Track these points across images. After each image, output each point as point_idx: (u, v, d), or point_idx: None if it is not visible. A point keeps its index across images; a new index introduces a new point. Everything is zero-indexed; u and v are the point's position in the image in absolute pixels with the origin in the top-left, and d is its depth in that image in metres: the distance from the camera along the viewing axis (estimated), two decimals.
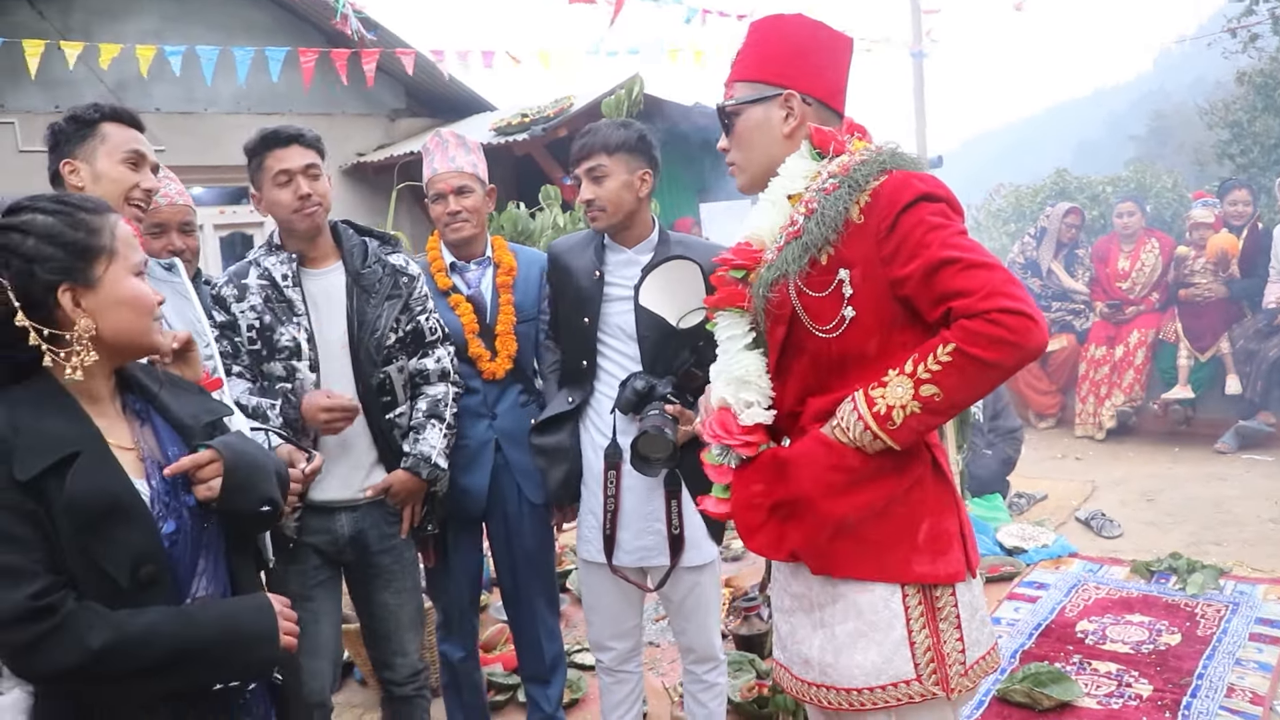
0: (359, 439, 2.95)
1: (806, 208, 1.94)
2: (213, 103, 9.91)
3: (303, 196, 2.86)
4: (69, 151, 2.46)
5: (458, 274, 3.30)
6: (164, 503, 1.71)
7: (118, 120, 2.49)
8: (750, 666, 3.94)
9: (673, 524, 2.92)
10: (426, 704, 3.20)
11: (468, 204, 3.23)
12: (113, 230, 1.71)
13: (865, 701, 1.94)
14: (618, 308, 2.96)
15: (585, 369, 3.02)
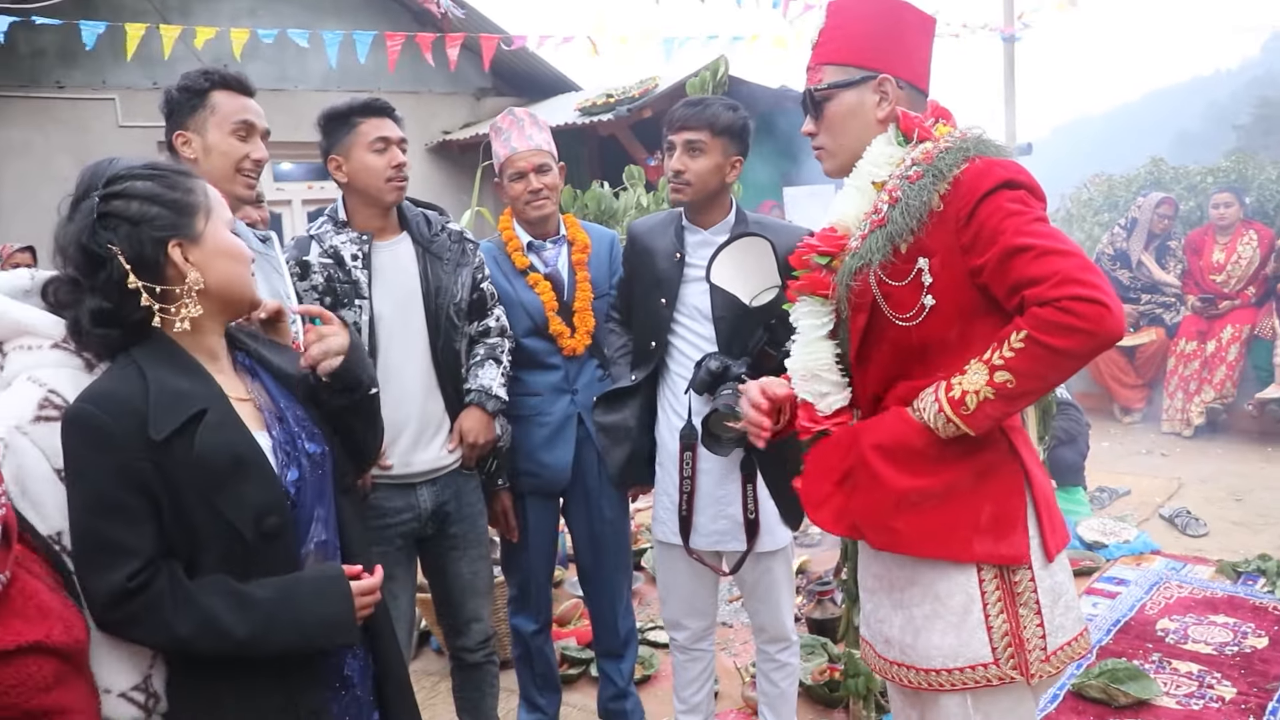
0: (435, 408, 2.99)
1: (890, 196, 1.91)
2: (302, 80, 10.10)
3: (398, 165, 2.89)
4: (181, 122, 2.49)
5: (534, 253, 3.32)
6: (285, 451, 1.77)
7: (228, 88, 2.51)
8: (823, 650, 3.93)
9: (748, 509, 2.92)
10: (496, 670, 3.26)
11: (548, 181, 3.24)
12: (205, 189, 1.78)
13: (943, 683, 1.95)
14: (696, 289, 2.96)
15: (654, 350, 3.03)
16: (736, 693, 3.85)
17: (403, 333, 2.94)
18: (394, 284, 2.94)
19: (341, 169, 2.91)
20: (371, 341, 2.89)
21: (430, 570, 3.15)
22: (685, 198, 2.93)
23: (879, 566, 2.07)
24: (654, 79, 9.90)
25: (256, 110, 2.55)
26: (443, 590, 3.14)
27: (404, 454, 2.91)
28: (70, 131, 9.07)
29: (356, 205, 2.96)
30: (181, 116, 2.49)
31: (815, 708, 3.71)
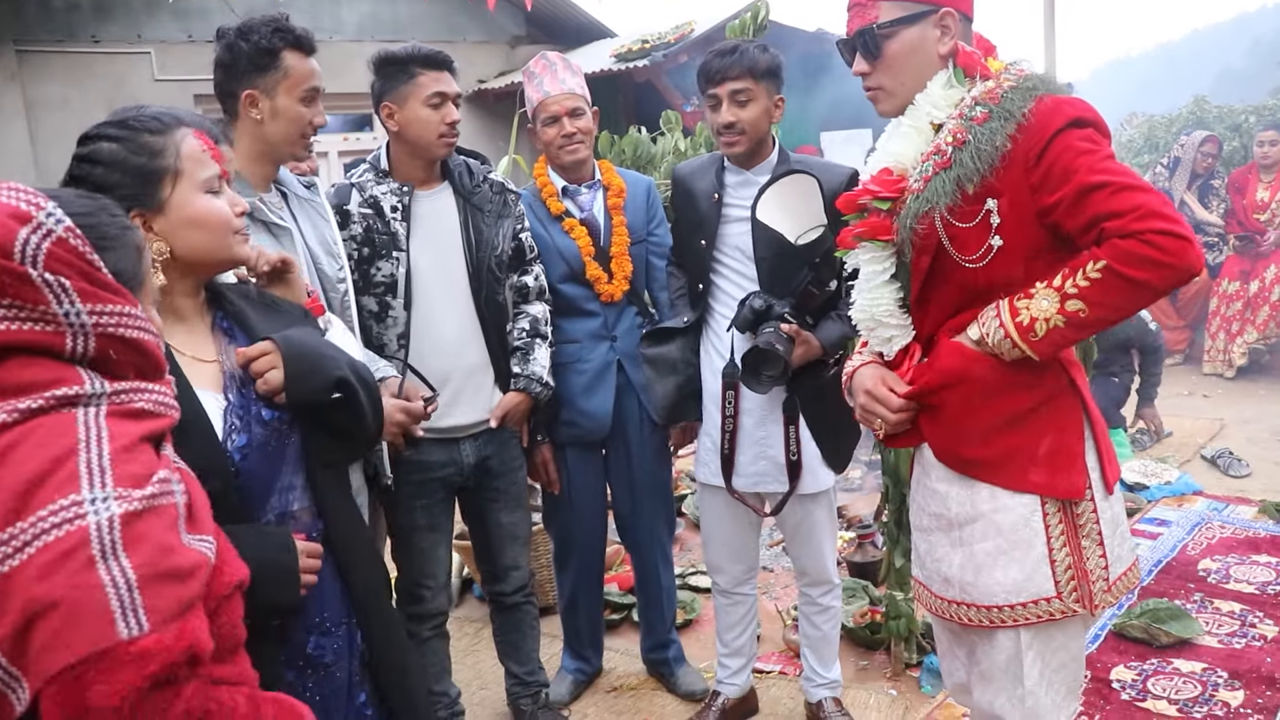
0: (477, 363, 3.00)
1: (954, 138, 1.89)
2: (337, 30, 10.08)
3: (452, 122, 2.88)
4: (250, 80, 2.42)
5: (569, 198, 3.30)
6: (237, 415, 1.72)
7: (298, 48, 2.45)
8: (864, 593, 3.96)
9: (790, 450, 2.94)
10: (535, 611, 3.31)
11: (581, 125, 3.22)
12: (177, 149, 1.69)
13: (1005, 618, 1.97)
14: (736, 229, 2.96)
15: (700, 291, 3.04)
16: (778, 636, 3.88)
17: (443, 285, 2.94)
18: (434, 236, 2.94)
19: (394, 117, 2.88)
20: (408, 294, 2.89)
21: (470, 519, 3.19)
22: (742, 148, 2.92)
23: (937, 504, 2.06)
24: (689, 23, 9.81)
25: (319, 74, 2.50)
26: (482, 539, 3.18)
27: (446, 408, 2.90)
28: (106, 86, 9.11)
29: (402, 155, 2.95)
30: (249, 74, 2.42)
31: (857, 650, 3.73)
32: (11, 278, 1.24)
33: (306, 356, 1.79)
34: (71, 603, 1.13)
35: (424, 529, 3.00)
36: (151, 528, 1.22)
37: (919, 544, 2.16)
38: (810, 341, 2.82)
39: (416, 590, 3.03)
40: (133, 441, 1.27)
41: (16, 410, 1.23)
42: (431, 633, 3.08)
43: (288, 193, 2.61)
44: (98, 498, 1.19)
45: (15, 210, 1.26)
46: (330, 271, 2.61)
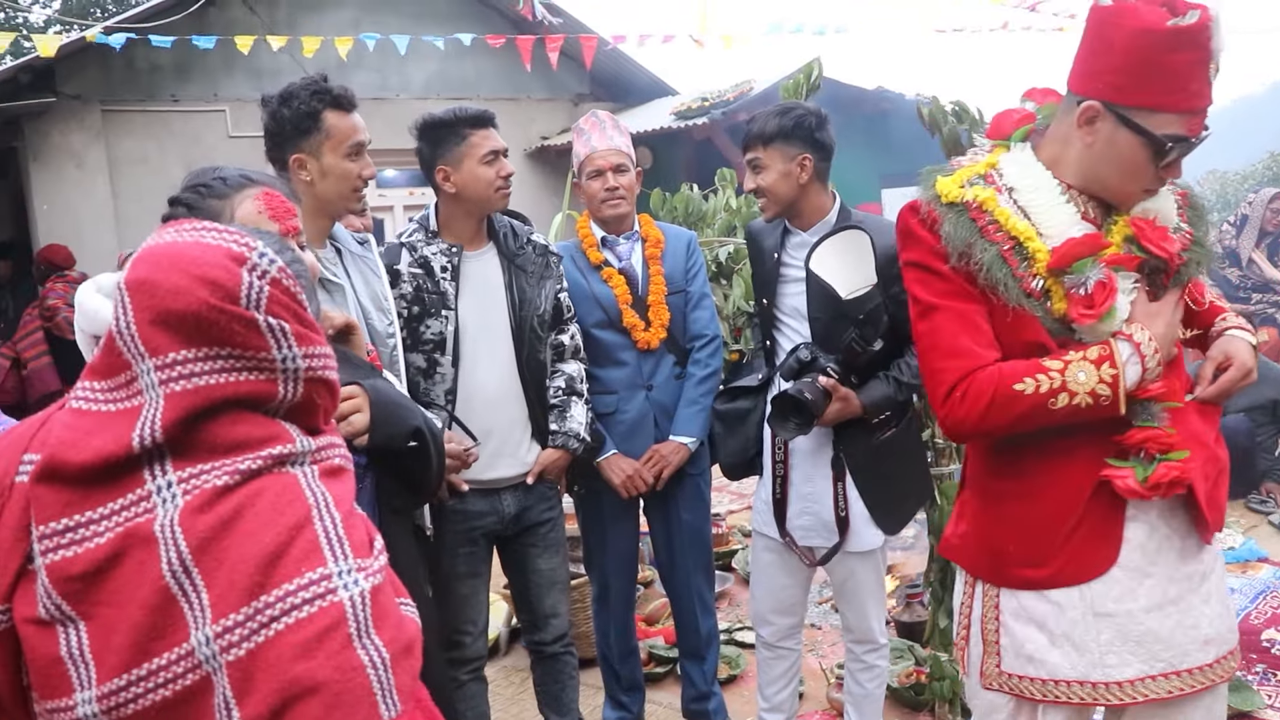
0: (518, 418, 3.05)
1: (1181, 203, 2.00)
2: (404, 88, 10.34)
3: (507, 176, 2.95)
4: (295, 144, 2.50)
5: (608, 248, 3.36)
6: None
7: (338, 107, 2.52)
8: (909, 654, 3.91)
9: (839, 507, 2.94)
10: (574, 661, 3.31)
11: (624, 181, 3.28)
12: (232, 212, 1.75)
13: (1238, 656, 2.00)
14: (793, 289, 3.00)
15: (769, 348, 3.11)
16: (821, 694, 3.83)
17: (488, 343, 3.00)
18: (481, 295, 3.00)
19: (450, 179, 2.93)
20: (456, 350, 2.95)
21: (510, 567, 3.22)
22: (770, 212, 3.02)
23: (1192, 564, 1.95)
24: (748, 82, 9.92)
25: (363, 126, 2.58)
26: (521, 586, 3.20)
27: (489, 461, 2.95)
28: (184, 143, 9.45)
29: (455, 214, 3.02)
30: (294, 138, 2.49)
31: (901, 710, 3.67)
32: (241, 325, 1.17)
33: (389, 405, 1.90)
34: (336, 685, 1.08)
35: (465, 576, 3.03)
36: (388, 600, 1.19)
37: (1156, 626, 1.92)
38: (850, 399, 2.82)
39: (457, 636, 3.06)
40: (350, 506, 1.24)
41: (237, 471, 1.16)
42: (469, 676, 3.10)
43: (342, 249, 2.68)
44: (343, 570, 1.14)
45: (231, 252, 1.20)
46: (380, 327, 2.67)
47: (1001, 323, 1.89)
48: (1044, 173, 1.92)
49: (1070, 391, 1.78)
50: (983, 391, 1.83)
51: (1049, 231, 1.87)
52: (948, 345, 1.89)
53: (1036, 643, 1.93)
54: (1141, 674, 1.89)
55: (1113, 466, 1.86)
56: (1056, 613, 1.91)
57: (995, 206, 1.90)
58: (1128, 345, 1.81)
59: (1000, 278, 1.85)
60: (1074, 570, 1.90)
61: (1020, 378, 1.80)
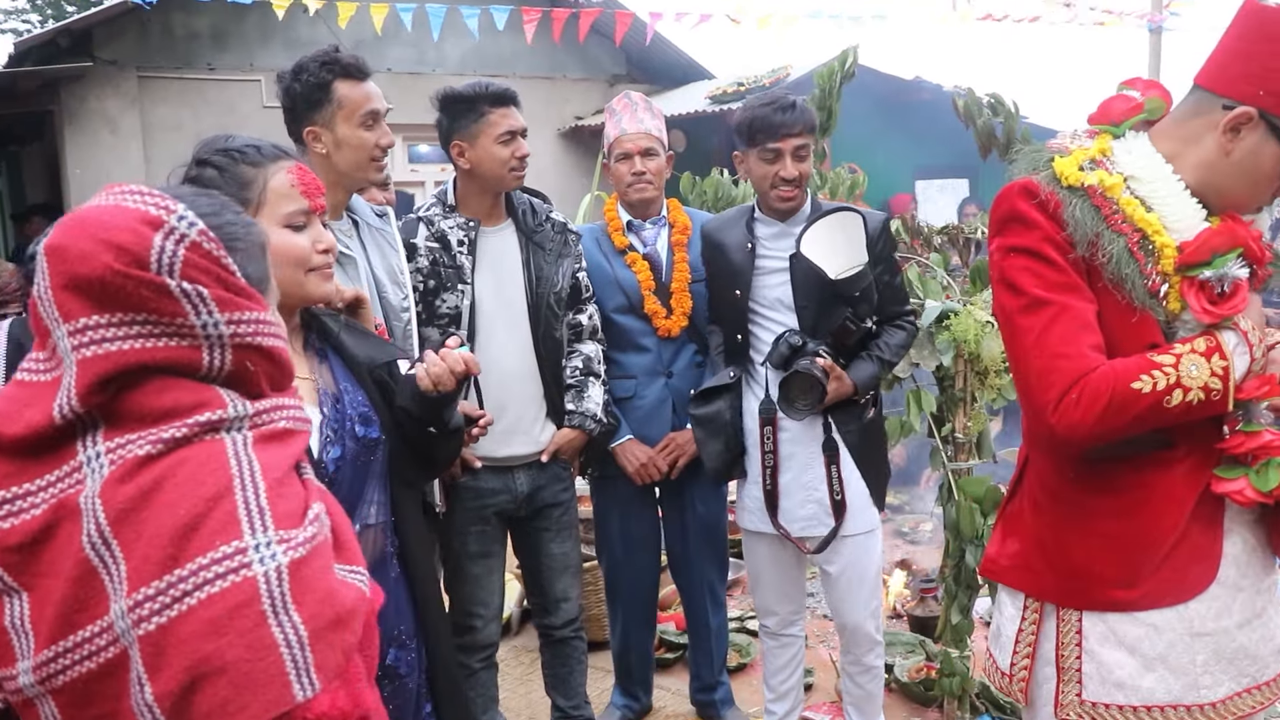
0: (533, 395, 3.03)
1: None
2: (440, 64, 10.32)
3: (521, 157, 2.93)
4: (308, 117, 2.50)
5: (634, 233, 3.35)
6: (333, 429, 1.80)
7: (349, 76, 2.51)
8: (921, 648, 3.89)
9: (834, 490, 2.92)
10: (583, 646, 3.30)
11: (652, 166, 3.26)
12: (265, 182, 1.75)
13: None
14: (773, 280, 2.95)
15: (740, 343, 3.02)
16: (830, 685, 3.82)
17: (505, 319, 2.99)
18: (497, 271, 2.99)
19: (465, 155, 2.92)
20: (471, 326, 2.94)
21: (522, 550, 3.21)
22: (799, 203, 2.95)
23: (1271, 575, 1.89)
24: (786, 67, 9.83)
25: (378, 94, 2.57)
26: (533, 569, 3.20)
27: (503, 438, 2.94)
28: (218, 112, 9.46)
29: (470, 190, 3.00)
30: (307, 111, 2.50)
31: (910, 706, 3.66)
32: (150, 290, 1.15)
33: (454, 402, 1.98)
34: (245, 665, 1.04)
35: (477, 556, 3.03)
36: (314, 572, 1.13)
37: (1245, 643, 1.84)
38: (844, 378, 2.83)
39: (468, 620, 3.05)
40: (284, 472, 1.20)
41: (160, 440, 1.13)
42: (481, 664, 3.09)
43: (359, 220, 2.67)
44: (261, 543, 1.10)
45: (146, 215, 1.17)
46: (395, 301, 2.67)
47: (1120, 323, 1.76)
48: (1165, 165, 1.79)
49: (1184, 387, 1.67)
50: (1100, 393, 1.67)
51: (1175, 226, 1.74)
52: (1059, 345, 1.72)
53: (1128, 668, 1.81)
54: (1232, 691, 1.82)
55: (1222, 478, 1.76)
56: (1152, 635, 1.80)
57: (1120, 195, 1.77)
58: (1233, 334, 1.71)
59: (1129, 274, 1.73)
60: (1173, 589, 1.79)
61: (1137, 375, 1.67)
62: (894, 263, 3.06)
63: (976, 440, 3.48)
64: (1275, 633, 1.88)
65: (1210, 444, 1.78)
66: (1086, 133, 1.92)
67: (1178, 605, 1.79)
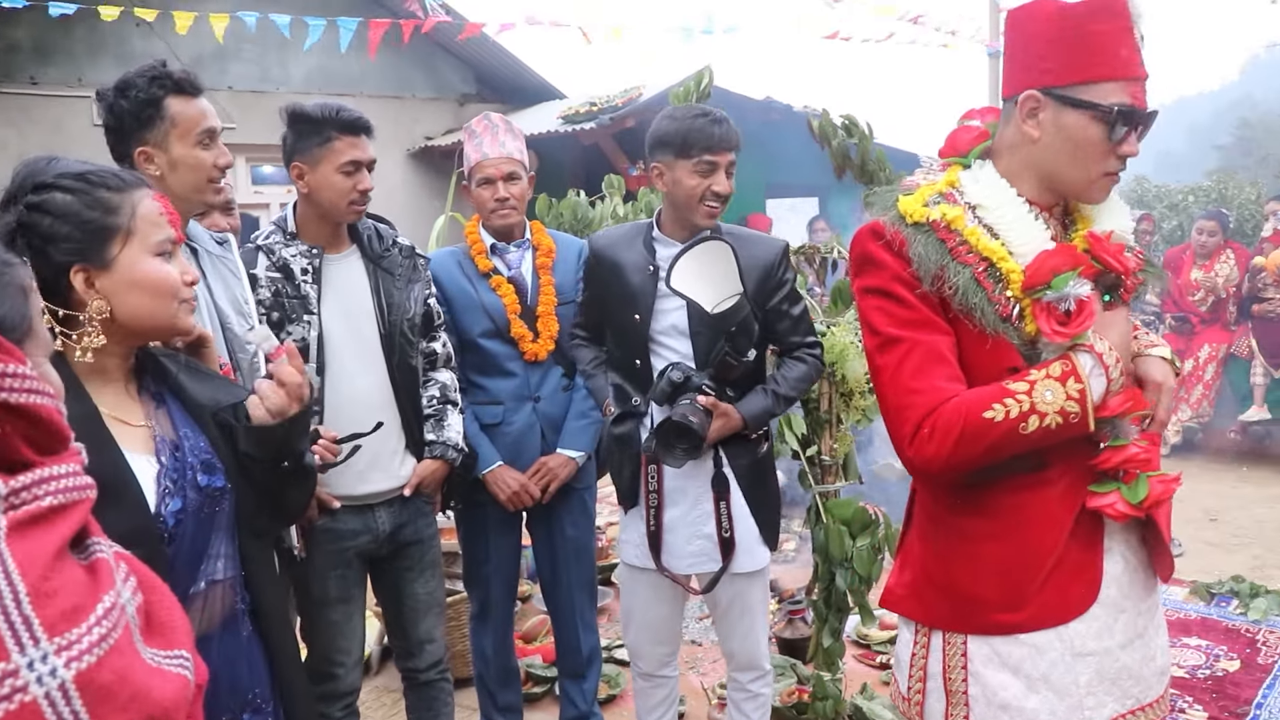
0: (391, 428, 2.89)
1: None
2: (284, 82, 10.02)
3: (363, 191, 2.79)
4: (139, 136, 2.33)
5: (498, 256, 3.27)
6: (172, 479, 1.66)
7: (181, 92, 2.35)
8: (792, 671, 3.87)
9: (723, 527, 2.83)
10: (449, 688, 3.18)
11: (516, 191, 3.18)
12: (134, 208, 1.65)
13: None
14: (671, 304, 2.83)
15: (640, 369, 2.90)
16: (703, 713, 3.77)
17: (355, 350, 2.85)
18: (345, 300, 2.85)
19: (304, 178, 2.78)
20: (320, 359, 2.80)
21: (383, 591, 3.07)
22: (718, 218, 2.85)
23: (1152, 596, 1.92)
24: (638, 88, 9.87)
25: (212, 111, 2.42)
26: (395, 611, 3.06)
27: (362, 474, 2.80)
28: (45, 130, 8.96)
29: (310, 217, 2.86)
30: (137, 130, 2.33)
31: None
32: None
33: (302, 427, 1.80)
34: None
35: (338, 601, 2.88)
36: (114, 675, 0.98)
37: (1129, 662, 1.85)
38: (730, 414, 2.75)
39: (329, 668, 2.90)
40: (48, 565, 0.99)
41: None
42: (342, 713, 2.94)
43: (198, 248, 2.51)
44: (35, 659, 0.93)
45: None
46: (239, 332, 2.52)
47: (977, 350, 1.78)
48: (1008, 189, 1.83)
49: (1040, 413, 1.67)
50: (952, 425, 1.70)
51: (1020, 250, 1.77)
52: (910, 380, 1.76)
53: (1012, 689, 1.81)
54: (1116, 713, 1.82)
55: (1095, 494, 1.78)
56: (1034, 655, 1.80)
57: (964, 226, 1.79)
58: (1089, 356, 1.72)
59: (976, 303, 1.75)
60: (1054, 611, 1.80)
61: (988, 405, 1.69)
62: (795, 292, 2.96)
63: (843, 462, 3.50)
64: (1157, 654, 1.90)
65: (1084, 463, 1.80)
66: (940, 166, 1.95)
67: (1059, 626, 1.80)
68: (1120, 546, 1.85)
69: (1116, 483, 1.77)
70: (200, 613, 1.69)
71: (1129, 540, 1.86)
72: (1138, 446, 1.77)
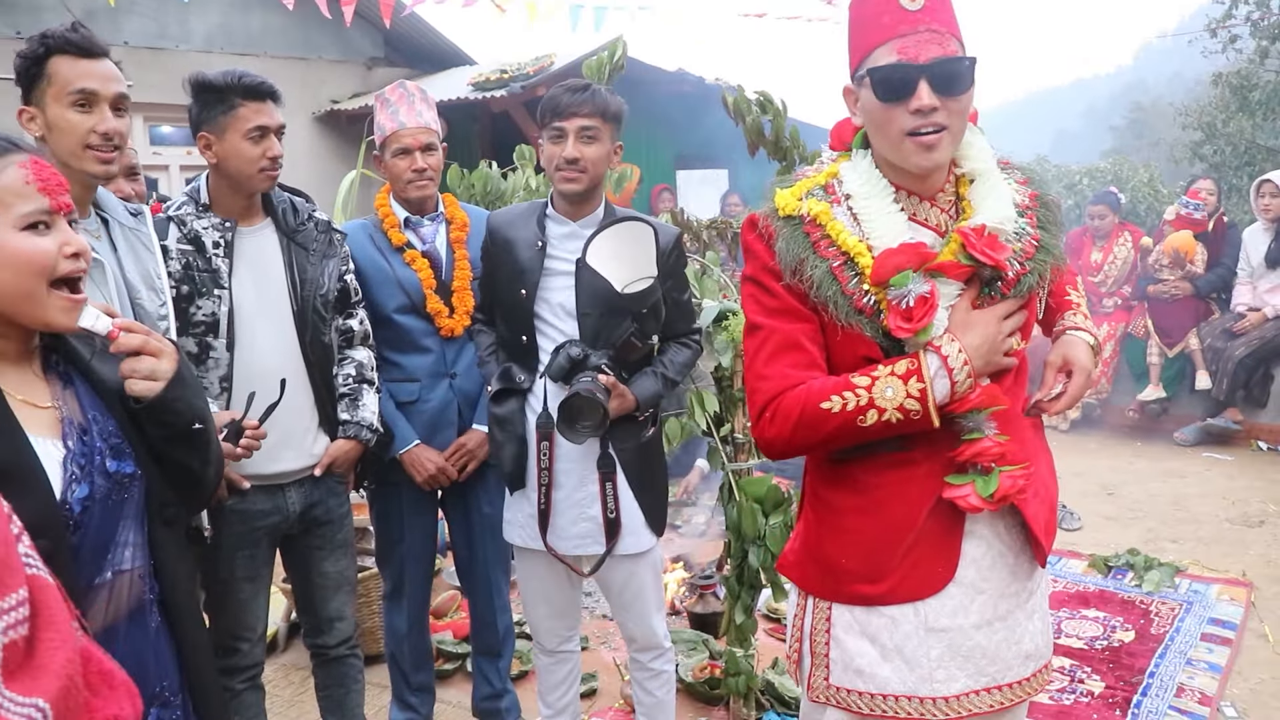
0: (303, 406, 2.83)
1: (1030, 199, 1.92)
2: (185, 40, 9.68)
3: (274, 157, 2.71)
4: (27, 95, 2.26)
5: (411, 229, 3.21)
6: (79, 464, 1.59)
7: (67, 53, 2.24)
8: (704, 646, 3.90)
9: (608, 508, 2.80)
10: (359, 664, 3.15)
11: (432, 162, 3.13)
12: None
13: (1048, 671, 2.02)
14: (558, 283, 2.80)
15: (526, 345, 2.85)
16: (615, 690, 3.78)
17: (267, 325, 2.77)
18: (257, 274, 2.78)
19: (212, 148, 2.70)
20: (230, 334, 2.72)
21: (292, 568, 3.02)
22: (580, 186, 2.77)
23: (1020, 581, 1.95)
24: (550, 56, 9.76)
25: (103, 74, 2.29)
26: (305, 588, 3.01)
27: (273, 452, 2.72)
28: None
29: (222, 188, 2.77)
30: (26, 88, 2.25)
31: (695, 705, 3.66)
32: None
33: (190, 378, 1.74)
34: None
35: (244, 580, 2.82)
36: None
37: (982, 641, 1.91)
38: (626, 395, 2.72)
39: (233, 644, 2.84)
40: None
41: None
42: (244, 685, 2.89)
43: (109, 219, 2.41)
44: None
45: None
46: (151, 307, 2.42)
47: (833, 340, 1.86)
48: (879, 179, 1.87)
49: (879, 408, 1.75)
50: (790, 412, 1.81)
51: (878, 243, 1.81)
52: (762, 366, 1.87)
53: (867, 657, 1.90)
54: (967, 689, 1.89)
55: (952, 485, 1.83)
56: (890, 627, 1.88)
57: (829, 220, 1.85)
58: (935, 358, 1.77)
59: (830, 295, 1.81)
60: (911, 587, 1.87)
61: (827, 396, 1.78)
62: (684, 279, 2.96)
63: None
64: (1024, 638, 1.95)
65: (945, 450, 1.85)
66: (832, 158, 2.01)
67: (915, 602, 1.88)
68: (986, 530, 1.90)
69: (973, 475, 1.83)
70: (106, 604, 1.63)
71: (996, 526, 1.91)
72: (992, 441, 1.81)
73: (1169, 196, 9.92)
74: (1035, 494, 1.90)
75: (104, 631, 1.61)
